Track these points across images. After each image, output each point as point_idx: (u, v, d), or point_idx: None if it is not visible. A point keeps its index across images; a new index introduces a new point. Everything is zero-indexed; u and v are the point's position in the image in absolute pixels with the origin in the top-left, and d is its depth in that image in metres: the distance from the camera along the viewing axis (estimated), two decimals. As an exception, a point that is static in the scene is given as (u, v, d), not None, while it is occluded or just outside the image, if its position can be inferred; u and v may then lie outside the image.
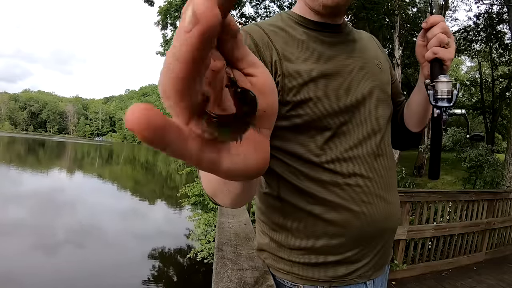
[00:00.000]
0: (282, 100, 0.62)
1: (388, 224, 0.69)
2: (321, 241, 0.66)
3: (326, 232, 0.65)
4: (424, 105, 0.72)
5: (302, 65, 0.64)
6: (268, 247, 0.73)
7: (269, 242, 0.72)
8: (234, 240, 0.98)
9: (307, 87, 0.63)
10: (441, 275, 3.18)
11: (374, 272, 0.70)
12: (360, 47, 0.73)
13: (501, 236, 3.87)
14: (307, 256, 0.67)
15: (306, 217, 0.66)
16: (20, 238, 7.48)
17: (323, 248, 0.66)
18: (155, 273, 6.79)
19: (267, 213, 0.73)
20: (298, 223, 0.67)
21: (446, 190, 3.81)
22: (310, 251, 0.67)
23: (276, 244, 0.71)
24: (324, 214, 0.65)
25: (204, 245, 5.35)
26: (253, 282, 0.69)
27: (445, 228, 3.33)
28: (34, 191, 13.26)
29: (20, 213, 9.69)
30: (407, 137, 0.82)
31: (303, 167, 0.65)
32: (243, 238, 1.00)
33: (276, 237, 0.71)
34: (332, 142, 0.65)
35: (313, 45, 0.67)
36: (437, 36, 0.62)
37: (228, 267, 0.76)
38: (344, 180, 0.65)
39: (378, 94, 0.71)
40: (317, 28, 0.69)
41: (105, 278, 6.06)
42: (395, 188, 0.73)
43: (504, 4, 7.45)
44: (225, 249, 0.89)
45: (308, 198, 0.66)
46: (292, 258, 0.68)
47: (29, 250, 6.87)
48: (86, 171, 23.39)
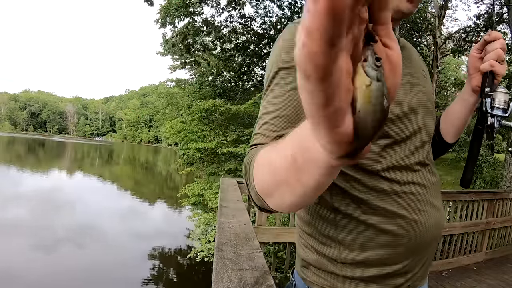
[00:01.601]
0: None
1: (438, 231, 0.70)
2: (376, 253, 0.64)
3: (382, 242, 0.64)
4: (465, 116, 0.74)
5: None
6: (316, 262, 0.69)
7: (318, 258, 0.69)
8: (234, 240, 0.98)
9: None
10: (441, 275, 3.18)
11: (420, 281, 0.70)
12: (407, 56, 0.73)
13: (501, 236, 3.86)
14: (361, 270, 0.65)
15: (361, 228, 0.64)
16: (20, 238, 7.48)
17: (378, 259, 0.64)
18: (155, 273, 6.79)
19: (315, 225, 0.69)
20: (352, 234, 0.65)
21: (446, 190, 3.81)
22: (364, 264, 0.65)
23: (326, 259, 0.67)
24: (381, 224, 0.63)
25: (204, 244, 5.36)
26: (253, 282, 0.69)
27: (445, 228, 3.33)
28: (34, 191, 13.26)
29: (20, 213, 9.69)
30: (442, 147, 0.84)
31: (360, 175, 0.63)
32: (243, 238, 1.00)
33: (326, 251, 0.67)
34: (389, 149, 0.64)
35: None
36: (497, 51, 0.66)
37: (228, 267, 0.76)
38: (401, 188, 0.64)
39: (426, 104, 0.71)
40: None
41: (105, 278, 6.06)
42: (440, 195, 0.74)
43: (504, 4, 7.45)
44: (225, 249, 0.89)
45: (364, 207, 0.64)
46: (345, 273, 0.65)
47: (29, 250, 6.87)
48: (86, 171, 23.40)
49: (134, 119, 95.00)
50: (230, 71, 10.12)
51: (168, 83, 13.23)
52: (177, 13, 7.69)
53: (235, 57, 10.12)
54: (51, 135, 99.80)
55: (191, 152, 7.90)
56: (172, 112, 10.45)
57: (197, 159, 8.55)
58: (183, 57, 10.27)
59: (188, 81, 11.48)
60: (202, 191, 7.71)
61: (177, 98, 10.27)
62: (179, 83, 11.47)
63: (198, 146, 7.32)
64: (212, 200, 6.91)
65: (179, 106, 9.56)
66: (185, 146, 8.49)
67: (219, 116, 7.99)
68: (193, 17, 8.16)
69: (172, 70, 11.29)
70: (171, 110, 10.56)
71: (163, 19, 7.83)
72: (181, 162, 9.94)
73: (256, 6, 10.10)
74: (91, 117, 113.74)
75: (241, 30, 9.80)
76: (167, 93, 11.22)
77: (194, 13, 8.13)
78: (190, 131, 7.97)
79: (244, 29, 9.81)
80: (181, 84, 11.43)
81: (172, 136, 8.97)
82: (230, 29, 9.39)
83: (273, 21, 10.21)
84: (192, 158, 8.59)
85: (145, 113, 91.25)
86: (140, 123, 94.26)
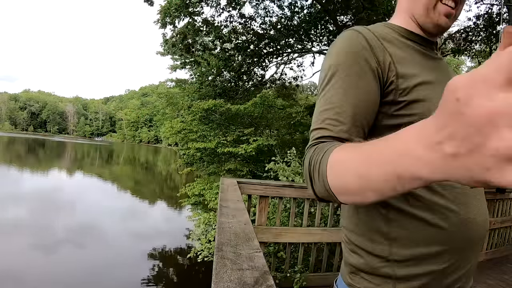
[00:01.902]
0: (394, 100, 0.65)
1: (484, 231, 0.70)
2: (426, 248, 0.65)
3: (432, 237, 0.64)
4: None
5: (411, 69, 0.67)
6: (366, 266, 0.69)
7: (368, 260, 0.69)
8: (234, 240, 0.98)
9: (417, 89, 0.66)
10: (441, 275, 3.18)
11: (467, 282, 0.70)
12: (444, 65, 0.78)
13: (501, 236, 3.86)
14: (412, 268, 0.65)
15: (411, 223, 0.65)
16: (20, 238, 7.48)
17: (428, 255, 0.65)
18: (155, 273, 6.79)
19: (366, 223, 0.70)
20: (403, 230, 0.65)
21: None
22: (415, 261, 0.65)
23: (377, 258, 0.68)
24: (430, 218, 0.64)
25: (204, 244, 5.36)
26: (253, 282, 0.69)
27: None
28: (34, 191, 13.26)
29: (20, 213, 9.69)
30: None
31: None
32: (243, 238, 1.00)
33: (377, 249, 0.68)
34: None
35: (416, 56, 0.72)
36: None
37: (228, 267, 0.76)
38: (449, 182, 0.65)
39: None
40: (420, 42, 0.75)
41: (105, 278, 6.06)
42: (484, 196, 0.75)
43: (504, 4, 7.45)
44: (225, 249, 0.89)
45: (414, 201, 0.65)
46: (397, 272, 0.66)
47: (29, 250, 6.87)
48: (86, 171, 23.39)
49: (134, 119, 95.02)
50: (230, 71, 10.11)
51: (168, 83, 13.23)
52: (177, 13, 7.68)
53: (235, 57, 10.12)
54: (51, 135, 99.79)
55: (191, 152, 7.90)
56: (172, 112, 10.45)
57: (197, 159, 8.55)
58: (183, 57, 10.26)
59: (188, 81, 11.47)
60: (202, 191, 7.70)
61: (177, 98, 10.26)
62: (179, 83, 11.47)
63: (198, 146, 7.32)
64: (212, 201, 6.91)
65: (179, 106, 9.55)
66: (185, 146, 8.49)
67: (219, 116, 7.99)
68: (193, 17, 8.16)
69: (172, 70, 11.28)
70: (171, 110, 10.55)
71: (163, 20, 7.83)
72: (181, 162, 9.93)
73: (256, 6, 10.09)
74: (91, 117, 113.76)
75: (241, 30, 9.79)
76: (167, 93, 11.21)
77: (194, 13, 8.13)
78: (190, 131, 7.97)
79: (244, 29, 9.80)
80: (181, 84, 11.42)
81: (172, 136, 8.96)
82: (230, 29, 9.38)
83: (273, 21, 10.21)
84: (192, 158, 8.59)
85: (145, 113, 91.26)
86: (140, 123, 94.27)
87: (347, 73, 0.62)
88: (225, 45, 10.20)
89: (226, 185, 2.15)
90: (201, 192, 7.70)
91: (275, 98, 8.96)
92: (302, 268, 2.72)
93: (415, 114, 0.65)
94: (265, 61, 10.71)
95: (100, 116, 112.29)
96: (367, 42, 0.65)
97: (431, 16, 0.71)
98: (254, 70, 10.92)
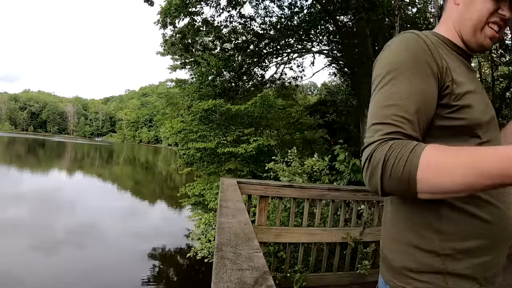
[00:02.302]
0: (448, 103, 0.70)
1: None
2: (474, 241, 0.69)
3: (479, 231, 0.69)
4: None
5: (462, 78, 0.72)
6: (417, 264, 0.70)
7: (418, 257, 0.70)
8: (234, 240, 0.97)
9: (467, 97, 0.71)
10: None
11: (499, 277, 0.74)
12: (476, 76, 0.84)
13: None
14: (462, 262, 0.68)
15: (461, 217, 0.69)
16: (20, 238, 7.48)
17: (476, 248, 0.69)
18: (155, 273, 6.79)
19: (416, 220, 0.72)
20: (453, 224, 0.69)
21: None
22: (464, 254, 0.68)
23: (428, 254, 0.69)
24: (478, 212, 0.69)
25: (204, 243, 5.36)
26: (252, 282, 0.69)
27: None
28: (34, 191, 13.26)
29: (20, 213, 9.69)
30: None
31: None
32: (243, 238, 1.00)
33: (428, 245, 0.70)
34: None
35: (463, 67, 0.76)
36: None
37: (227, 267, 0.76)
38: None
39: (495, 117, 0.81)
40: (463, 54, 0.80)
41: (105, 278, 6.06)
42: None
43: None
44: (224, 249, 0.89)
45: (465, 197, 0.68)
46: (448, 266, 0.68)
47: (29, 250, 6.87)
48: (86, 171, 23.39)
49: (134, 119, 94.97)
50: (230, 71, 10.10)
51: (168, 83, 13.22)
52: (177, 13, 7.68)
53: (235, 57, 10.11)
54: (51, 135, 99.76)
55: (191, 152, 7.89)
56: (172, 112, 10.43)
57: (197, 159, 8.55)
58: (183, 57, 10.25)
59: (188, 81, 11.46)
60: (202, 191, 7.70)
61: (177, 98, 10.26)
62: (179, 83, 11.46)
63: (198, 146, 7.32)
64: (212, 201, 6.90)
65: (179, 106, 9.55)
66: (185, 146, 8.49)
67: (219, 116, 7.98)
68: (193, 17, 8.15)
69: (172, 70, 11.27)
70: (171, 110, 10.54)
71: (163, 20, 7.82)
72: (181, 162, 9.92)
73: (256, 6, 10.09)
74: (91, 117, 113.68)
75: (241, 30, 9.78)
76: (167, 93, 11.20)
77: (194, 13, 8.12)
78: (190, 131, 7.96)
79: (244, 29, 9.79)
80: (181, 84, 11.41)
81: (172, 136, 8.96)
82: (230, 29, 9.38)
83: (273, 21, 10.20)
84: (192, 158, 8.58)
85: (145, 113, 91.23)
86: (140, 123, 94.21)
87: (410, 72, 0.66)
88: (225, 45, 10.20)
89: (226, 185, 2.15)
90: (201, 192, 7.70)
91: (275, 98, 8.95)
92: (302, 268, 2.72)
93: (464, 118, 0.70)
94: (265, 61, 10.69)
95: (100, 116, 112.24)
96: (427, 46, 0.69)
97: (477, 37, 0.76)
98: (254, 70, 10.91)
